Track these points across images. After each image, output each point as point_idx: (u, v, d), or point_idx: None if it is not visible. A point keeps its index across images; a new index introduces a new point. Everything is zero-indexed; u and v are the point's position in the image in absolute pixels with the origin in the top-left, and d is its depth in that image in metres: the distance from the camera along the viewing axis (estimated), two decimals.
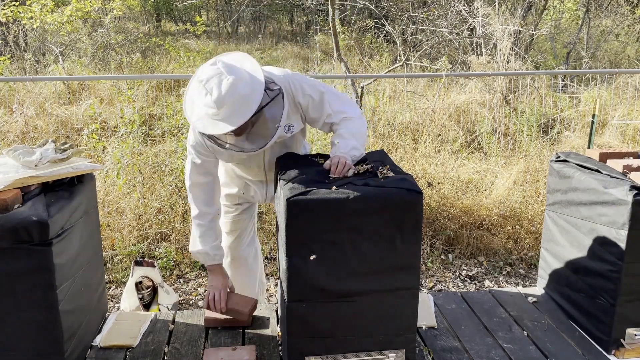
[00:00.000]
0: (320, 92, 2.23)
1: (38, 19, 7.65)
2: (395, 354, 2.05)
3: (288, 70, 2.25)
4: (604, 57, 9.74)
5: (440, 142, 5.19)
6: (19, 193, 1.99)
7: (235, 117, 1.93)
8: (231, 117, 1.93)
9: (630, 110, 6.02)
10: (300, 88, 2.20)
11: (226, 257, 2.75)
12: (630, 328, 2.31)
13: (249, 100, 1.94)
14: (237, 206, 2.66)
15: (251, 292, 2.85)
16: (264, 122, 2.08)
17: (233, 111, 1.93)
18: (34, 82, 6.19)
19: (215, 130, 1.95)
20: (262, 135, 2.10)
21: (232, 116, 1.93)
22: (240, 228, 2.71)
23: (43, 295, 1.95)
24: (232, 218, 2.67)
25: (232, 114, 1.93)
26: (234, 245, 2.73)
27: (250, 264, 2.82)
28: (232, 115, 1.93)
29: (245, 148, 2.11)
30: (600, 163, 2.50)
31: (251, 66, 2.03)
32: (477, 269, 3.99)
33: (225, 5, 14.97)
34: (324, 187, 1.92)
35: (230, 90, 1.91)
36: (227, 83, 1.92)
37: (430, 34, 9.03)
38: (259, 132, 2.10)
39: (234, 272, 2.77)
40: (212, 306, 2.37)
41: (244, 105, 1.93)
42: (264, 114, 2.06)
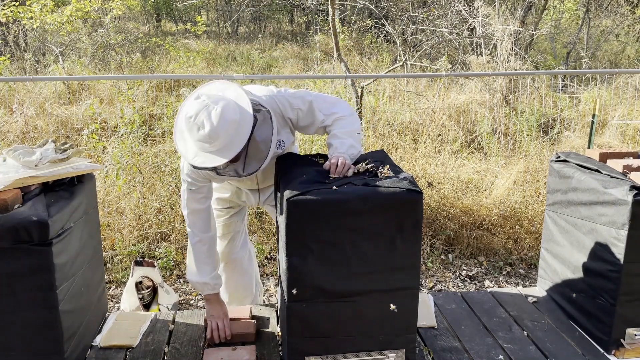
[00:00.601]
0: (309, 102, 2.23)
1: (38, 19, 7.65)
2: (395, 354, 2.05)
3: (272, 87, 2.25)
4: (604, 57, 9.74)
5: (440, 142, 5.19)
6: (19, 193, 1.99)
7: (231, 146, 1.93)
8: (227, 147, 1.93)
9: (630, 110, 6.02)
10: (288, 104, 2.21)
11: (220, 262, 2.75)
12: (630, 328, 2.31)
13: (241, 126, 1.94)
14: (228, 209, 2.67)
15: (248, 293, 2.85)
16: (256, 146, 2.07)
17: (228, 141, 1.92)
18: (34, 82, 6.19)
19: (214, 163, 1.94)
20: (256, 158, 2.09)
21: (228, 146, 1.93)
22: (233, 231, 2.71)
23: (43, 295, 1.95)
24: (223, 221, 2.68)
25: (227, 144, 1.93)
26: (227, 249, 2.73)
27: (246, 266, 2.82)
28: (228, 145, 1.93)
29: (241, 173, 2.11)
30: (600, 163, 2.50)
31: (234, 93, 2.01)
32: (477, 269, 3.99)
33: (225, 5, 14.97)
34: (324, 187, 1.92)
35: (221, 120, 1.90)
36: (216, 113, 1.90)
37: (430, 34, 9.03)
38: (253, 155, 2.09)
39: (230, 275, 2.77)
40: (216, 336, 2.31)
41: (237, 132, 1.93)
42: (255, 138, 2.05)
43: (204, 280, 2.34)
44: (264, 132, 2.06)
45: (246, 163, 2.09)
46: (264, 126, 2.05)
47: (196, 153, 1.96)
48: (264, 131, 2.06)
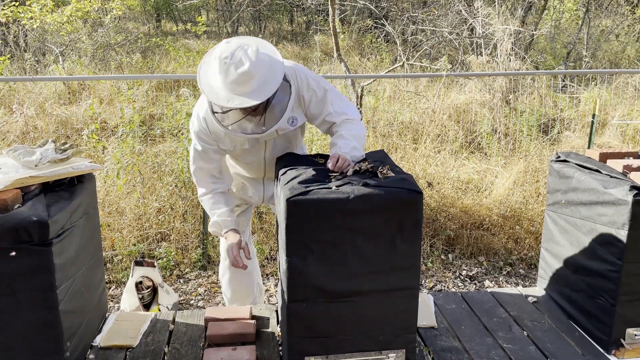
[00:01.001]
0: (324, 90, 2.26)
1: (38, 19, 7.65)
2: (395, 354, 2.05)
3: (295, 62, 2.29)
4: (604, 57, 9.74)
5: (440, 142, 5.19)
6: (19, 193, 1.99)
7: (265, 87, 1.99)
8: (261, 88, 1.98)
9: (630, 110, 6.02)
10: (306, 81, 2.23)
11: (225, 260, 2.76)
12: (630, 328, 2.31)
13: (274, 69, 2.01)
14: (235, 208, 2.66)
15: (249, 293, 2.85)
16: (271, 108, 2.12)
17: (262, 82, 1.98)
18: (34, 82, 6.19)
19: (247, 104, 1.97)
20: (271, 118, 2.14)
21: (262, 87, 1.99)
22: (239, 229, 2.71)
23: (43, 295, 1.95)
24: None
25: (261, 85, 1.98)
26: None
27: (249, 266, 2.83)
28: (262, 86, 1.98)
29: (249, 130, 2.14)
30: (600, 163, 2.50)
31: (262, 43, 2.09)
32: (477, 269, 3.99)
33: (225, 5, 14.96)
34: (324, 187, 1.92)
35: (258, 58, 1.97)
36: (252, 51, 1.97)
37: (430, 34, 9.03)
38: (269, 115, 2.14)
39: (233, 273, 2.77)
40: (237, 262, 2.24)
41: (270, 74, 2.00)
42: (272, 100, 2.10)
43: (215, 220, 2.34)
44: (281, 96, 2.11)
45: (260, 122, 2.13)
46: (283, 89, 2.11)
47: (229, 97, 1.99)
48: (281, 95, 2.11)
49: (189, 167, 2.45)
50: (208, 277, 3.78)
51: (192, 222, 4.01)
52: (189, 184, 4.14)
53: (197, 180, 2.39)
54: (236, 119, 2.13)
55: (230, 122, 2.14)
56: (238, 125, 2.15)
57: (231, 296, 2.83)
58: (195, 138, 2.28)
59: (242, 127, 2.15)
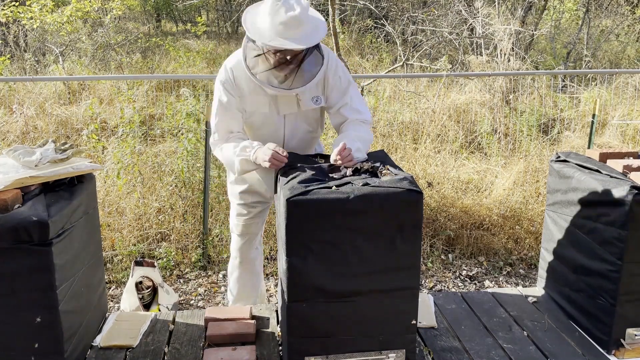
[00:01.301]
0: (348, 81, 2.34)
1: (38, 19, 7.64)
2: (395, 354, 2.05)
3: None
4: (604, 57, 9.73)
5: (440, 142, 5.19)
6: (19, 193, 1.99)
7: (311, 35, 2.08)
8: (307, 36, 2.07)
9: (630, 110, 6.02)
10: (335, 66, 2.30)
11: (235, 258, 2.77)
12: (630, 328, 2.31)
13: (320, 24, 2.14)
14: (251, 209, 2.65)
15: (254, 294, 2.86)
16: (302, 71, 2.18)
17: (309, 31, 2.08)
18: (34, 82, 6.19)
19: (292, 46, 2.04)
20: (300, 80, 2.19)
21: (308, 34, 2.08)
22: (252, 232, 2.72)
23: (43, 295, 1.95)
24: (244, 221, 2.68)
25: (308, 33, 2.08)
26: (245, 248, 2.74)
27: (257, 267, 2.85)
28: (309, 34, 2.08)
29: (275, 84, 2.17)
30: (600, 163, 2.50)
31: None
32: (477, 269, 3.98)
33: (225, 6, 14.96)
34: (324, 187, 1.92)
35: (309, 8, 2.11)
36: (305, 1, 2.10)
37: (430, 34, 9.03)
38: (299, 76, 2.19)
39: (242, 272, 2.78)
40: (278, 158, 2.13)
41: (317, 27, 2.12)
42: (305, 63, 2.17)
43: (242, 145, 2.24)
44: (313, 64, 2.19)
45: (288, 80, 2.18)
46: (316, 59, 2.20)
47: (272, 37, 2.06)
48: (314, 61, 2.20)
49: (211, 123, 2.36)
50: (208, 277, 3.78)
51: (192, 222, 4.01)
52: (189, 184, 4.14)
53: (219, 135, 2.33)
54: (267, 68, 2.16)
55: (260, 70, 2.17)
56: (266, 76, 2.17)
57: (237, 293, 2.83)
58: (220, 89, 2.29)
59: (269, 79, 2.18)
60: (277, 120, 2.35)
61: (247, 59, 2.19)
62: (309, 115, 2.37)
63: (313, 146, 2.55)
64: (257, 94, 2.28)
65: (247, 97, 2.28)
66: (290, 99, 2.30)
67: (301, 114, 2.35)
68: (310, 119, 2.40)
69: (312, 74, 2.20)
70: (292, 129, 2.38)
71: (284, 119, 2.35)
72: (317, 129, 2.49)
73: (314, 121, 2.43)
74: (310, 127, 2.43)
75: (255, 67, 2.18)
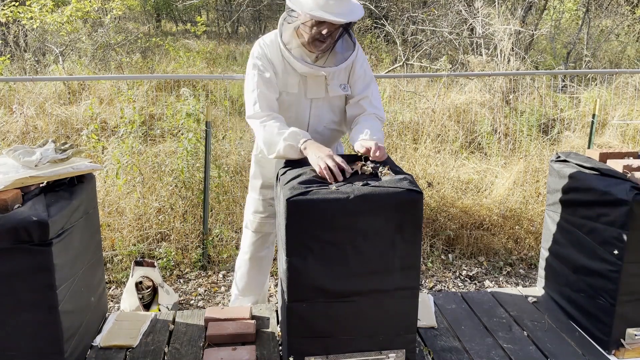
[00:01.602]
0: (371, 77, 2.41)
1: (38, 19, 7.64)
2: (395, 354, 2.05)
3: None
4: (604, 57, 9.73)
5: (440, 142, 5.19)
6: (19, 193, 1.99)
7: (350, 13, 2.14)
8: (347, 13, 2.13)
9: (630, 110, 6.02)
10: (362, 57, 2.39)
11: (245, 254, 2.78)
12: (630, 328, 2.31)
13: (358, 7, 2.20)
14: (268, 207, 2.65)
15: (259, 292, 2.87)
16: (334, 53, 2.28)
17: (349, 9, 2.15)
18: (34, 82, 6.18)
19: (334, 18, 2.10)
20: (333, 61, 2.28)
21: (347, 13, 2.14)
22: (266, 231, 2.73)
23: (43, 295, 1.95)
24: (260, 219, 2.69)
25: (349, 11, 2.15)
26: (257, 245, 2.75)
27: (265, 265, 2.86)
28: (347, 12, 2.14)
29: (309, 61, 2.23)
30: (600, 163, 2.50)
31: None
32: (477, 269, 3.98)
33: (225, 5, 14.95)
34: (324, 187, 1.92)
35: None
36: None
37: (430, 34, 9.02)
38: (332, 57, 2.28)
39: (250, 269, 2.79)
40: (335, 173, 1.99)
41: (355, 7, 2.19)
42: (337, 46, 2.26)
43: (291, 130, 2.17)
44: (345, 48, 2.30)
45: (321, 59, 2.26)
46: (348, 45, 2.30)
47: (313, 7, 2.11)
48: (346, 48, 2.30)
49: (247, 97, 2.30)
50: (208, 277, 3.78)
51: (192, 222, 4.01)
52: (189, 184, 4.14)
53: (260, 106, 2.25)
54: (302, 42, 2.22)
55: (295, 45, 2.23)
56: (300, 53, 2.23)
57: (242, 289, 2.84)
58: (258, 63, 2.30)
59: (303, 55, 2.24)
60: (304, 103, 2.37)
61: (283, 35, 2.25)
62: (335, 103, 2.40)
63: (334, 143, 2.55)
64: (287, 74, 2.31)
65: (279, 76, 2.31)
66: (319, 83, 2.33)
67: (328, 100, 2.37)
68: (335, 108, 2.42)
69: (343, 57, 2.28)
70: (317, 115, 2.39)
71: (310, 103, 2.37)
72: (342, 124, 2.49)
73: (340, 112, 2.44)
74: (335, 117, 2.44)
75: (290, 43, 2.24)
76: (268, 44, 2.32)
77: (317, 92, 2.35)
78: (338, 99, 2.40)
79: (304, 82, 2.33)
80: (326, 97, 2.37)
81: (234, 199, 4.28)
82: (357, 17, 2.17)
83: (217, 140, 4.87)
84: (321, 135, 2.41)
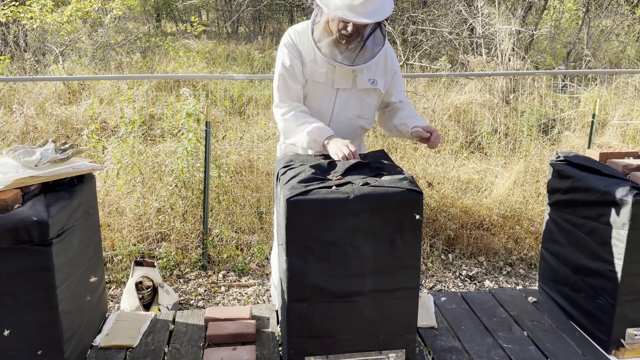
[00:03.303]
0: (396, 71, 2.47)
1: (38, 19, 7.64)
2: (395, 354, 2.05)
3: None
4: (604, 57, 9.73)
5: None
6: (19, 193, 1.99)
7: (376, 13, 2.14)
8: (372, 13, 2.13)
9: (630, 110, 6.02)
10: (393, 55, 2.41)
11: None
12: (630, 328, 2.30)
13: (386, 4, 2.19)
14: None
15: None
16: (364, 49, 2.26)
17: (375, 9, 2.13)
18: (34, 82, 6.19)
19: (358, 19, 2.11)
20: (362, 57, 2.27)
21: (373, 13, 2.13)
22: None
23: (43, 295, 1.95)
24: None
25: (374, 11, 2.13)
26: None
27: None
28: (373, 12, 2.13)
29: (338, 58, 2.24)
30: (600, 163, 2.50)
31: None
32: (477, 269, 3.98)
33: (225, 5, 14.95)
34: (324, 187, 1.92)
35: None
36: None
37: (430, 34, 9.02)
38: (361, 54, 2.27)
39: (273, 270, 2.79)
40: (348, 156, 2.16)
41: (383, 5, 2.17)
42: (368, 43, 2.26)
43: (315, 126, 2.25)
44: (374, 43, 2.28)
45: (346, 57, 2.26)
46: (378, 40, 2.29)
47: (338, 7, 2.12)
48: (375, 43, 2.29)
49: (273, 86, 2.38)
50: (208, 277, 3.79)
51: (192, 222, 4.01)
52: (189, 184, 4.14)
53: (280, 97, 2.35)
54: (330, 39, 2.23)
55: (324, 42, 2.24)
56: (330, 50, 2.24)
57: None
58: (285, 52, 2.32)
59: (332, 52, 2.24)
60: (330, 93, 2.37)
61: (315, 32, 2.27)
62: (362, 97, 2.39)
63: (357, 138, 2.51)
64: (315, 63, 2.32)
65: (306, 65, 2.32)
66: (347, 74, 2.33)
67: (355, 92, 2.37)
68: (362, 102, 2.41)
69: (373, 52, 2.27)
70: (342, 107, 2.39)
71: (336, 93, 2.37)
72: (367, 119, 2.48)
73: (366, 106, 2.43)
74: (360, 111, 2.42)
75: (320, 40, 2.25)
76: (299, 31, 2.34)
77: (345, 84, 2.35)
78: (366, 92, 2.39)
79: (332, 72, 2.33)
80: (353, 88, 2.36)
81: (234, 199, 4.28)
82: (384, 16, 2.16)
83: (217, 140, 4.87)
84: (344, 127, 2.40)
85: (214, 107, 5.43)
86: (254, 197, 4.27)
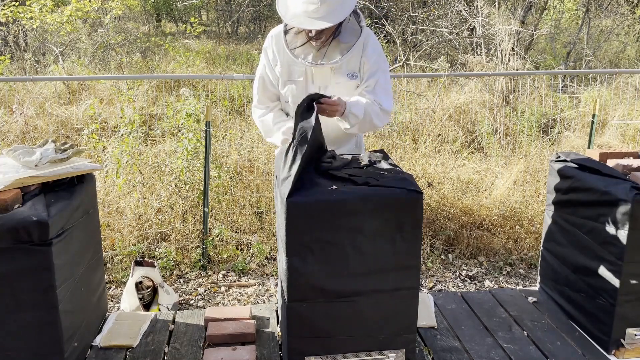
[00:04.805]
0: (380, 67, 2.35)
1: (38, 19, 7.64)
2: (395, 354, 2.05)
3: None
4: (604, 57, 9.73)
5: (440, 142, 5.19)
6: (19, 193, 1.99)
7: (333, 14, 2.09)
8: (330, 14, 2.09)
9: (630, 110, 6.02)
10: (373, 44, 2.33)
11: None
12: (630, 328, 2.31)
13: (345, 3, 2.13)
14: None
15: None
16: (336, 45, 2.24)
17: (332, 9, 2.09)
18: (34, 82, 6.18)
19: (312, 26, 2.09)
20: (333, 54, 2.25)
21: (330, 14, 2.09)
22: None
23: (43, 295, 1.95)
24: None
25: (331, 12, 2.09)
26: None
27: None
28: (330, 13, 2.09)
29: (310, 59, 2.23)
30: (600, 163, 2.50)
31: None
32: (477, 269, 3.98)
33: (225, 5, 14.95)
34: (324, 187, 1.92)
35: None
36: None
37: (430, 34, 9.02)
38: (332, 50, 2.25)
39: None
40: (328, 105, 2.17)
41: (342, 4, 2.11)
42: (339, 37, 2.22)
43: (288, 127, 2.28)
44: (348, 37, 2.23)
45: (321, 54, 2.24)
46: (352, 32, 2.24)
47: (296, 14, 2.12)
48: (349, 36, 2.23)
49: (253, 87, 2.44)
50: (208, 277, 3.78)
51: (192, 222, 4.01)
52: (189, 184, 4.14)
53: (259, 99, 2.42)
54: (302, 42, 2.23)
55: (296, 45, 2.25)
56: (302, 50, 2.24)
57: None
58: (262, 55, 2.37)
59: (305, 52, 2.24)
60: (311, 90, 2.35)
61: (287, 35, 2.28)
62: (342, 92, 2.36)
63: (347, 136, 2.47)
64: (293, 64, 2.33)
65: (284, 66, 2.33)
66: (325, 71, 2.34)
67: (336, 88, 2.35)
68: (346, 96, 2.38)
69: (346, 47, 2.24)
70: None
71: (317, 91, 2.35)
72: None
73: None
74: None
75: (292, 43, 2.27)
76: (276, 34, 2.35)
77: (324, 80, 2.35)
78: (347, 88, 2.37)
79: (309, 70, 2.33)
80: (333, 84, 2.35)
81: (234, 199, 4.28)
82: (342, 17, 2.12)
83: (217, 140, 4.87)
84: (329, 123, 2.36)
85: (214, 107, 5.43)
86: (254, 197, 4.27)
